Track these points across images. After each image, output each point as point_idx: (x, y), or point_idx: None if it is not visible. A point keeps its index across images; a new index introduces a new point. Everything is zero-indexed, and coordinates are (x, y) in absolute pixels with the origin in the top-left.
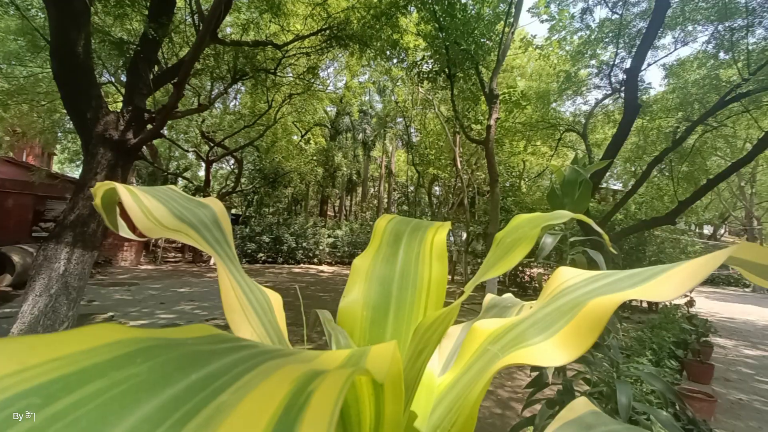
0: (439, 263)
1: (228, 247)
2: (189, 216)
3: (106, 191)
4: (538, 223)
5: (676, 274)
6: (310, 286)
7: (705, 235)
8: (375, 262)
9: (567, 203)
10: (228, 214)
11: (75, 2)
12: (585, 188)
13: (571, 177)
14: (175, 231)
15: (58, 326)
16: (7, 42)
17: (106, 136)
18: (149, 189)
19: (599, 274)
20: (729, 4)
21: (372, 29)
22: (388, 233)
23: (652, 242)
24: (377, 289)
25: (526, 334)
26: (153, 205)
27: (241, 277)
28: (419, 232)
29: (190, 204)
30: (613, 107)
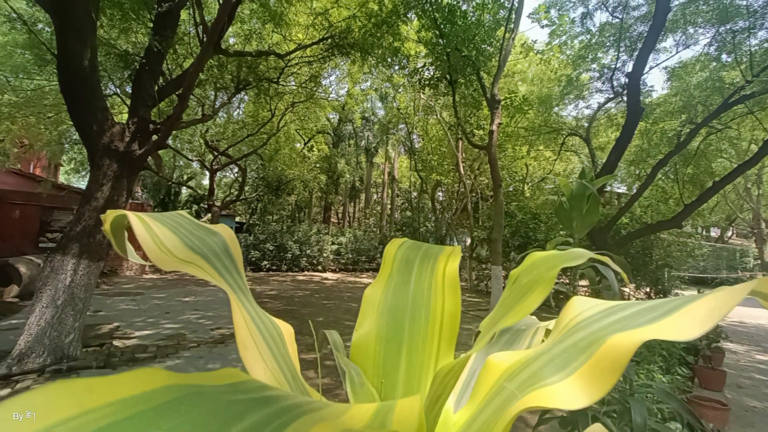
0: (452, 295)
1: (239, 276)
2: (200, 245)
3: (115, 217)
4: (555, 264)
5: (696, 309)
6: (314, 293)
7: (712, 237)
8: (386, 293)
9: (575, 217)
10: (232, 221)
11: (81, 17)
12: (593, 202)
13: (578, 191)
14: (187, 263)
15: (64, 337)
16: (14, 56)
17: (112, 147)
18: (159, 216)
19: (615, 305)
20: (730, 6)
21: (373, 37)
22: (399, 260)
23: (659, 245)
24: (389, 321)
25: (544, 371)
26: (164, 234)
27: (253, 309)
28: (430, 260)
29: (200, 232)
30: (616, 110)
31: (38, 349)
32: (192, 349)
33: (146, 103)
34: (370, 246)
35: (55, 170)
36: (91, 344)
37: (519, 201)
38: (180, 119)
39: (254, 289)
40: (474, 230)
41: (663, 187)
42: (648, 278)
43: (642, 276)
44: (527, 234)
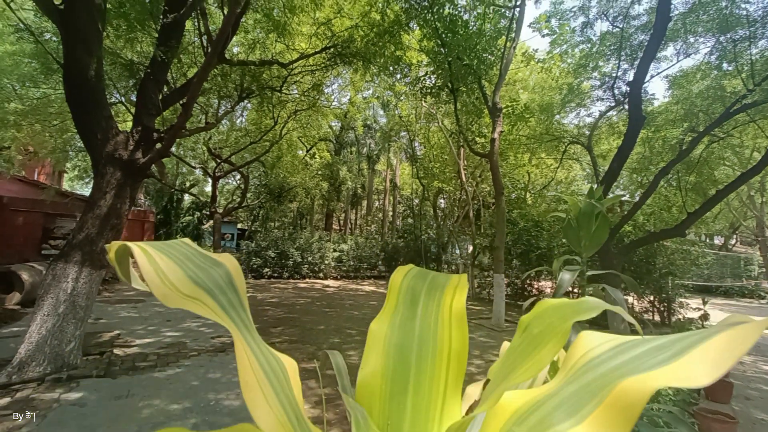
0: (459, 331)
1: (243, 310)
2: (204, 278)
3: (119, 247)
4: (567, 316)
5: (709, 350)
6: (315, 301)
7: (716, 245)
8: (392, 327)
9: (583, 236)
10: (234, 228)
11: (88, 28)
12: (602, 222)
13: (586, 209)
14: (192, 299)
15: (64, 346)
16: (21, 65)
17: (116, 155)
18: (163, 247)
19: (625, 342)
20: (730, 16)
21: (375, 46)
22: (404, 292)
23: (662, 254)
24: (396, 358)
25: (554, 416)
26: (168, 267)
27: (257, 346)
28: (437, 293)
29: (204, 263)
30: (617, 118)
31: (38, 358)
32: (192, 358)
33: (150, 111)
34: (372, 253)
35: (59, 177)
36: (92, 352)
37: (521, 209)
38: (183, 128)
39: (256, 297)
40: (476, 238)
41: (666, 195)
42: (652, 286)
43: (646, 284)
44: (529, 242)
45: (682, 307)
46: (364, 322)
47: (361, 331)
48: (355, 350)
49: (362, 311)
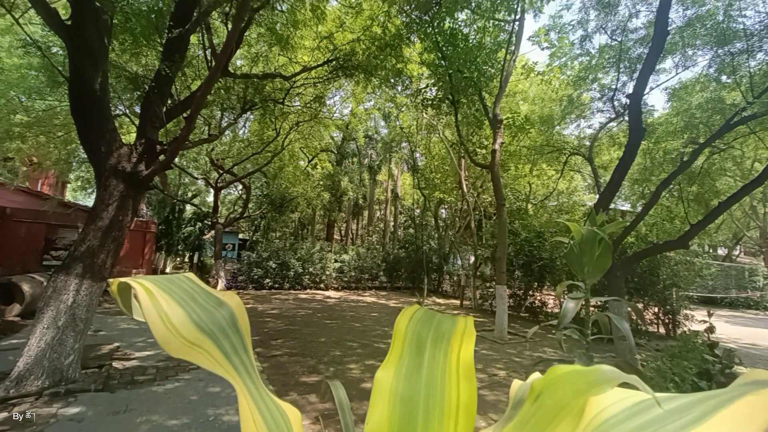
0: (467, 384)
1: (246, 353)
2: (207, 321)
3: (121, 282)
4: (581, 390)
5: (735, 414)
6: (316, 312)
7: (719, 256)
8: (398, 378)
9: (586, 263)
10: (235, 238)
11: (94, 43)
12: (605, 248)
13: (589, 236)
14: (195, 346)
15: (63, 359)
16: (28, 78)
17: (119, 168)
18: (166, 285)
19: (642, 401)
20: (727, 30)
21: (377, 59)
22: (410, 338)
23: (666, 265)
24: (402, 410)
25: None
26: (171, 308)
27: (259, 394)
28: (443, 341)
29: (208, 302)
30: (618, 130)
31: (37, 371)
32: (192, 371)
33: (154, 124)
34: (373, 264)
35: (62, 188)
36: (91, 366)
37: (522, 219)
38: (187, 140)
39: (256, 308)
40: (477, 248)
41: (668, 206)
42: (656, 298)
43: (650, 296)
44: (531, 253)
45: (687, 320)
46: (365, 334)
47: (362, 344)
48: (356, 363)
49: (363, 323)
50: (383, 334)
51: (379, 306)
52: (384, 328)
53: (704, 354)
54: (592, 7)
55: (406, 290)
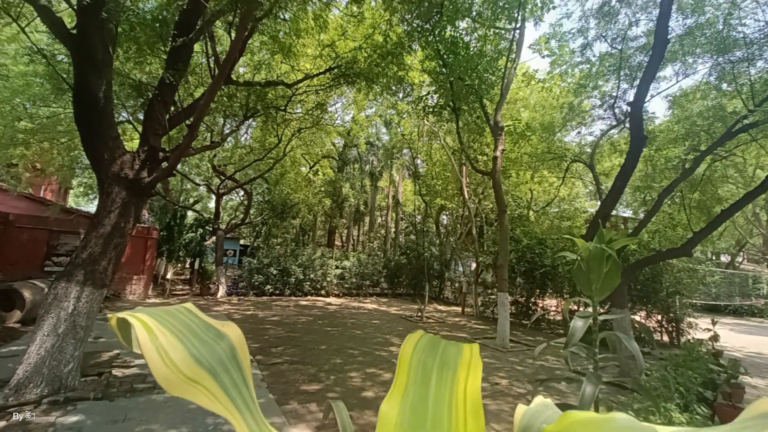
0: (475, 420)
1: (246, 387)
2: (207, 355)
3: (120, 318)
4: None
5: None
6: (317, 319)
7: (722, 263)
8: (404, 410)
9: (594, 280)
10: (236, 244)
11: (99, 52)
12: (614, 266)
13: (597, 252)
14: (194, 382)
15: (63, 367)
16: (33, 85)
17: (122, 175)
18: (165, 319)
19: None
20: (727, 38)
21: (378, 67)
22: (415, 368)
23: (669, 272)
24: None
25: None
26: (170, 343)
27: (259, 429)
28: (449, 371)
29: (208, 335)
30: (619, 137)
31: (36, 379)
32: None
33: (157, 131)
34: (374, 270)
35: (65, 194)
36: (90, 373)
37: (524, 226)
38: (189, 148)
39: (257, 315)
40: (479, 255)
41: (670, 213)
42: (659, 306)
43: (653, 304)
44: (533, 260)
45: (691, 328)
46: (366, 342)
47: (363, 351)
48: (357, 371)
49: (364, 330)
50: (384, 341)
51: (380, 313)
52: (385, 336)
53: (709, 363)
54: (592, 15)
55: (407, 297)
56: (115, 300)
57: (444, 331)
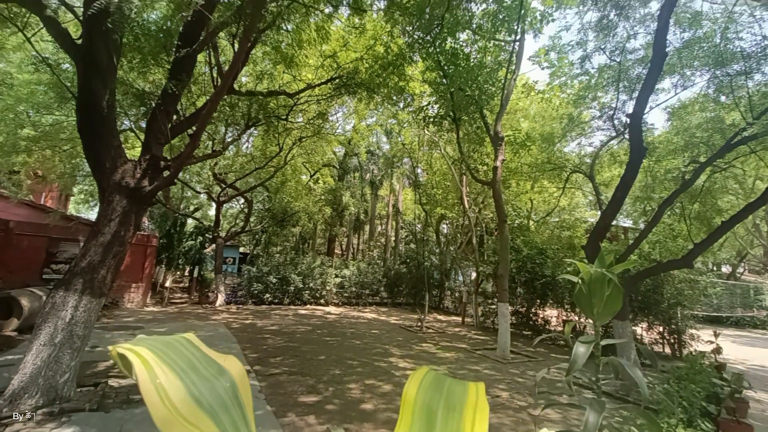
0: None
1: (246, 428)
2: (208, 395)
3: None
4: None
5: None
6: (316, 329)
7: (724, 274)
8: None
9: (596, 304)
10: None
11: (103, 61)
12: (615, 291)
13: (598, 277)
14: (192, 426)
15: (59, 377)
16: (37, 93)
17: (123, 183)
18: (165, 350)
19: None
20: (724, 51)
21: (379, 78)
22: (419, 408)
23: (670, 283)
24: None
25: None
26: (170, 382)
27: None
28: (455, 414)
29: (209, 370)
30: (618, 147)
31: (32, 390)
32: None
33: (159, 140)
34: (374, 279)
35: (66, 200)
36: (86, 383)
37: (524, 236)
38: (191, 157)
39: (256, 324)
40: (479, 265)
41: (670, 224)
42: (660, 317)
43: (654, 315)
44: (534, 270)
45: (693, 339)
46: (366, 352)
47: (363, 362)
48: (356, 383)
49: (364, 340)
50: (383, 352)
51: (379, 323)
52: (384, 346)
53: (712, 377)
54: (591, 28)
55: (407, 306)
56: (113, 308)
57: (444, 341)
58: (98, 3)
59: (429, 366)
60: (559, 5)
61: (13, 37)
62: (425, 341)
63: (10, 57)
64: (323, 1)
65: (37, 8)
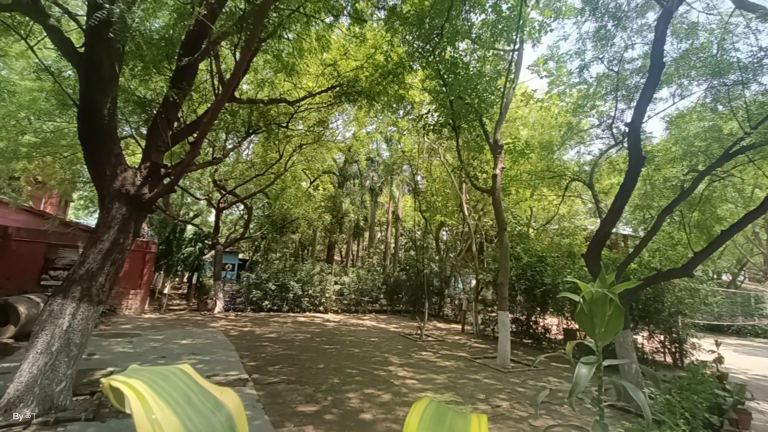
0: None
1: None
2: (203, 430)
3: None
4: None
5: None
6: (315, 336)
7: (724, 282)
8: None
9: (597, 324)
10: (235, 258)
11: (105, 70)
12: (617, 311)
13: (599, 297)
14: None
15: (55, 386)
16: (39, 100)
17: (123, 191)
18: (160, 383)
19: None
20: (721, 62)
21: (379, 86)
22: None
23: (671, 292)
24: None
25: None
26: (165, 417)
27: None
28: None
29: (205, 404)
30: (617, 156)
31: (27, 399)
32: None
33: (160, 148)
34: (374, 286)
35: (65, 206)
36: (82, 392)
37: (524, 243)
38: (191, 164)
39: (254, 331)
40: (479, 272)
41: (670, 232)
42: (661, 326)
43: (655, 324)
44: (533, 277)
45: (694, 348)
46: (365, 360)
47: (362, 371)
48: (355, 392)
49: (363, 348)
50: (383, 360)
51: (378, 330)
52: (384, 355)
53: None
54: (589, 38)
55: (407, 314)
56: (110, 315)
57: (444, 350)
58: (100, 13)
59: (429, 397)
60: (557, 16)
61: (17, 45)
62: (425, 349)
63: (13, 64)
64: (324, 11)
65: (40, 17)
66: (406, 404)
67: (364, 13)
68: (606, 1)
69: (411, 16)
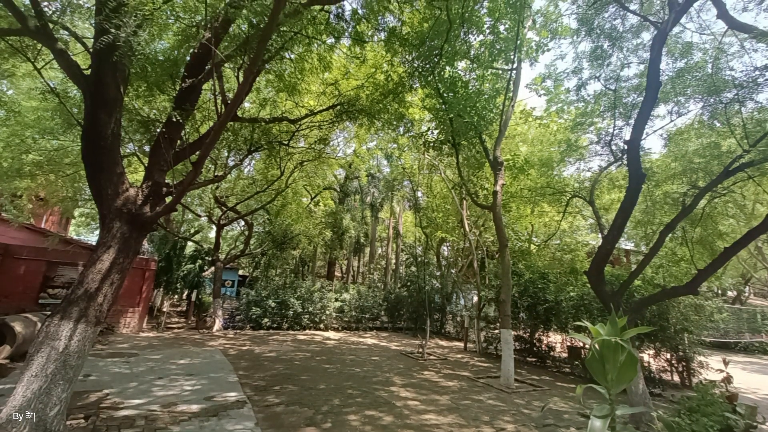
0: None
1: None
2: None
3: None
4: None
5: None
6: (315, 355)
7: (729, 298)
8: None
9: (609, 370)
10: (235, 275)
11: (110, 92)
12: (630, 359)
13: (610, 344)
14: None
15: (49, 410)
16: (44, 120)
17: (124, 210)
18: None
19: None
20: (716, 80)
21: (380, 104)
22: None
23: (676, 308)
24: None
25: None
26: None
27: None
28: None
29: None
30: (617, 172)
31: (20, 425)
32: (183, 423)
33: (162, 167)
34: (374, 303)
35: (66, 223)
36: (76, 416)
37: (526, 260)
38: (193, 184)
39: (253, 350)
40: (481, 289)
41: (672, 248)
42: (667, 344)
43: (660, 341)
44: (536, 294)
45: (702, 367)
46: (366, 381)
47: (363, 392)
48: (356, 414)
49: (364, 368)
50: (384, 380)
51: (380, 349)
52: (385, 374)
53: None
54: (585, 58)
55: (408, 331)
56: (108, 334)
57: (446, 369)
58: (107, 37)
59: None
60: (553, 36)
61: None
62: (427, 369)
63: (20, 84)
64: (326, 33)
65: (48, 41)
66: (407, 427)
67: (365, 34)
68: (601, 23)
69: (411, 38)
